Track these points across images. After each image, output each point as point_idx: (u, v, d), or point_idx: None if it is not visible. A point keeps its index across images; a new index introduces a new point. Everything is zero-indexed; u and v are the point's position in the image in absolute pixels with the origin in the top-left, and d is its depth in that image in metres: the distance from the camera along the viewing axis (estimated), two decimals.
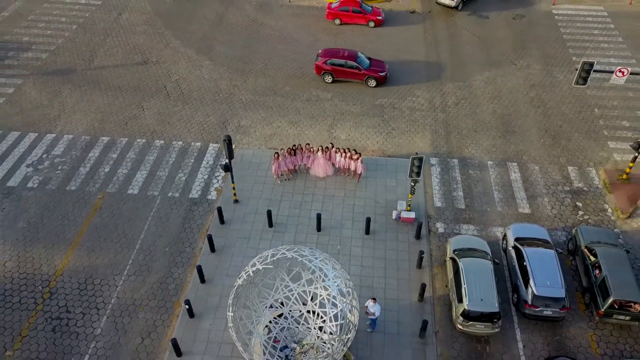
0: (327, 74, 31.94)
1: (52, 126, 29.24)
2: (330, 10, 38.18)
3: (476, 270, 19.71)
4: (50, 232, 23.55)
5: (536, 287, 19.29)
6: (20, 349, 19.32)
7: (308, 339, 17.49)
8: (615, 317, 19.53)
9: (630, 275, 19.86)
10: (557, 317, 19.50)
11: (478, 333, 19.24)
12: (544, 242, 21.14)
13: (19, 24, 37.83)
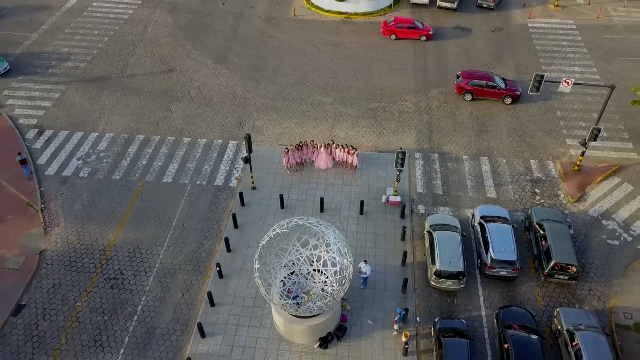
0: (467, 93, 35.96)
1: (95, 126, 34.46)
2: (386, 27, 42.93)
3: (447, 240, 24.92)
4: (101, 212, 28.75)
5: (494, 253, 24.50)
6: (87, 301, 24.52)
7: (314, 290, 22.53)
8: (556, 277, 24.73)
9: (570, 244, 25.04)
10: (510, 276, 24.71)
11: (447, 288, 24.45)
12: (503, 220, 26.34)
13: (57, 36, 43.07)
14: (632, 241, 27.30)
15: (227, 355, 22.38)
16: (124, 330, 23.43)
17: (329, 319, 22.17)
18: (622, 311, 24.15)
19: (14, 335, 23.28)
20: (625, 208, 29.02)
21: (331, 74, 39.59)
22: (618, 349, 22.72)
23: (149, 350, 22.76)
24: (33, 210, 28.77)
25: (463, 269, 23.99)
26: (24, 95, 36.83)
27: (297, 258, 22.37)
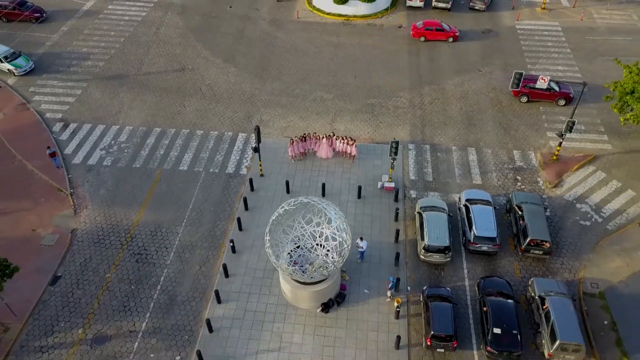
0: (523, 96, 38.45)
1: (115, 120, 37.58)
2: (416, 30, 45.96)
3: (435, 219, 28.05)
4: (124, 197, 31.87)
5: (477, 230, 27.64)
6: (115, 273, 27.66)
7: (317, 262, 25.59)
8: (532, 252, 27.87)
9: (544, 223, 28.18)
10: (491, 251, 27.85)
11: (435, 262, 27.60)
12: (486, 202, 29.47)
13: (76, 37, 46.19)
14: (602, 222, 30.41)
15: (241, 318, 25.50)
16: (149, 298, 26.56)
17: (330, 285, 25.29)
18: (589, 281, 27.26)
19: (52, 301, 26.40)
20: (597, 193, 32.14)
21: (332, 72, 42.69)
22: (584, 313, 25.84)
23: (172, 314, 25.89)
24: (63, 194, 31.90)
25: (449, 244, 27.12)
26: (48, 91, 39.94)
27: (302, 234, 25.36)
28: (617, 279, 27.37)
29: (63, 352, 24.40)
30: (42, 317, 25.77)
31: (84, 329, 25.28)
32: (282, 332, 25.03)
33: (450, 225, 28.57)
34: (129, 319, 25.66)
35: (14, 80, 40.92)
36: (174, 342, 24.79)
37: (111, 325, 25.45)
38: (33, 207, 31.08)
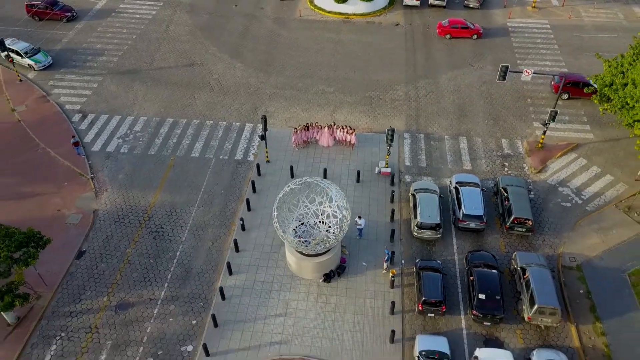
0: (564, 93, 40.42)
1: (130, 111, 40.17)
2: (442, 28, 48.56)
3: (427, 200, 30.67)
4: (141, 181, 34.47)
5: (465, 209, 30.27)
6: (135, 248, 30.27)
7: (319, 237, 28.14)
8: (516, 229, 30.48)
9: (527, 203, 30.80)
10: (478, 228, 30.47)
11: (427, 238, 30.21)
12: (474, 184, 32.09)
13: (90, 34, 48.80)
14: (582, 204, 33.02)
15: (250, 288, 28.12)
16: (167, 270, 29.18)
17: (331, 258, 27.90)
18: (568, 256, 29.88)
19: (79, 273, 29.02)
20: (578, 178, 34.75)
21: (332, 67, 45.29)
22: (562, 283, 28.46)
23: (187, 284, 28.51)
24: (84, 179, 34.51)
25: (440, 222, 29.74)
26: (67, 85, 42.55)
27: (306, 212, 27.93)
28: (593, 253, 29.98)
29: (90, 317, 27.02)
30: (70, 286, 28.39)
31: (108, 297, 27.90)
32: (288, 300, 27.65)
33: (441, 205, 31.18)
34: (148, 289, 28.28)
35: (34, 74, 43.52)
36: (190, 309, 27.40)
37: (133, 293, 28.08)
38: (57, 190, 33.68)
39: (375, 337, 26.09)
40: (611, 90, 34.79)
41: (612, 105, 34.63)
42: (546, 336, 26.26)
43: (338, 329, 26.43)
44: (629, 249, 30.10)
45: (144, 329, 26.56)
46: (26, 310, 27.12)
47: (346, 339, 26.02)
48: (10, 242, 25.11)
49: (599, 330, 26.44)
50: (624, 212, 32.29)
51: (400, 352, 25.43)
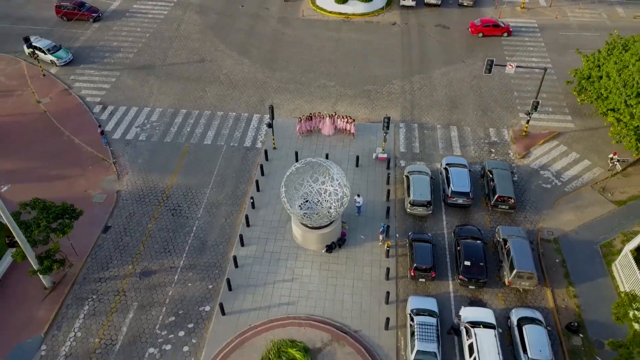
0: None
1: (147, 103, 43.43)
2: (475, 27, 51.90)
3: (419, 180, 33.93)
4: (159, 165, 37.70)
5: (454, 187, 33.57)
6: (155, 224, 33.49)
7: (322, 212, 31.31)
8: (499, 207, 33.73)
9: (510, 183, 34.05)
10: (465, 204, 33.75)
11: (419, 214, 33.47)
12: (462, 165, 35.38)
13: (107, 33, 52.11)
14: (561, 185, 36.27)
15: (260, 257, 31.36)
16: (185, 242, 32.41)
17: (332, 230, 31.13)
18: (546, 230, 33.12)
19: (105, 245, 32.26)
20: (558, 162, 38.00)
21: (333, 63, 48.57)
22: (540, 254, 31.69)
23: (204, 255, 31.74)
24: (107, 163, 37.76)
25: (430, 199, 33.00)
26: (87, 79, 45.84)
27: (310, 191, 31.09)
28: (569, 228, 33.23)
29: (117, 282, 30.26)
30: (99, 256, 31.63)
31: (133, 266, 31.13)
32: (294, 268, 30.87)
33: (432, 185, 34.45)
34: (169, 258, 31.52)
35: (55, 69, 46.81)
36: (206, 275, 30.63)
37: (155, 262, 31.31)
38: (83, 173, 36.92)
39: (372, 299, 29.31)
40: (588, 82, 38.09)
41: (589, 96, 37.93)
42: (524, 298, 29.48)
43: (339, 292, 29.64)
44: (602, 224, 33.34)
45: (166, 292, 29.80)
46: (60, 276, 30.35)
47: (346, 301, 29.23)
48: (48, 214, 28.41)
49: (572, 294, 29.67)
50: (599, 193, 35.54)
51: (394, 311, 28.65)
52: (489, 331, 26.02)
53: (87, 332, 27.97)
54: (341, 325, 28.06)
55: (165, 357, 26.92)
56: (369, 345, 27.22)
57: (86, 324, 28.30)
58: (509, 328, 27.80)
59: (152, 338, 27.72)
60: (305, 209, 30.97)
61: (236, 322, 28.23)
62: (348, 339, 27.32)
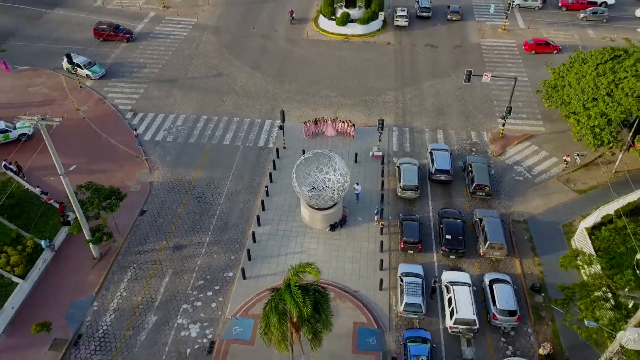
0: None
1: (172, 110, 49.69)
2: (528, 45, 58.86)
3: (409, 169, 40.00)
4: (185, 162, 43.67)
5: (437, 164, 40.12)
6: (184, 208, 39.30)
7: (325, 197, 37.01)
8: (477, 194, 39.63)
9: (486, 174, 40.06)
10: (447, 180, 40.53)
11: (408, 197, 39.45)
12: (444, 150, 41.77)
13: (134, 51, 58.78)
14: (531, 178, 42.17)
15: (274, 234, 37.06)
16: (209, 223, 38.16)
17: (335, 211, 36.92)
18: (517, 213, 38.89)
19: (142, 226, 37.99)
20: (530, 159, 43.98)
21: (335, 77, 55.03)
22: (511, 232, 37.39)
23: (226, 232, 37.45)
24: (140, 160, 43.75)
25: (418, 184, 39.01)
26: (119, 91, 52.23)
27: (315, 179, 36.95)
28: (537, 212, 39.01)
29: (154, 254, 35.91)
30: (137, 234, 37.35)
31: (167, 241, 36.83)
32: (303, 242, 36.55)
33: (420, 174, 40.45)
34: (196, 235, 37.23)
35: (91, 82, 53.23)
36: (229, 248, 36.32)
37: (185, 239, 37.01)
38: (120, 168, 42.87)
39: (368, 266, 34.94)
40: (554, 91, 44.38)
41: (554, 102, 44.18)
42: (497, 266, 35.12)
43: (340, 262, 35.26)
44: (564, 209, 39.15)
45: (195, 262, 35.44)
46: (106, 249, 36.01)
47: (346, 268, 34.84)
48: (99, 195, 34.34)
49: (536, 262, 35.31)
50: (563, 183, 41.44)
51: (387, 276, 34.25)
52: (465, 287, 31.57)
53: (131, 292, 33.54)
54: (343, 287, 33.62)
55: (196, 311, 32.43)
56: (366, 302, 32.76)
57: (130, 286, 33.88)
58: (482, 289, 33.32)
59: (185, 297, 33.26)
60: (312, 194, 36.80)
61: (255, 284, 33.80)
62: (349, 297, 32.89)
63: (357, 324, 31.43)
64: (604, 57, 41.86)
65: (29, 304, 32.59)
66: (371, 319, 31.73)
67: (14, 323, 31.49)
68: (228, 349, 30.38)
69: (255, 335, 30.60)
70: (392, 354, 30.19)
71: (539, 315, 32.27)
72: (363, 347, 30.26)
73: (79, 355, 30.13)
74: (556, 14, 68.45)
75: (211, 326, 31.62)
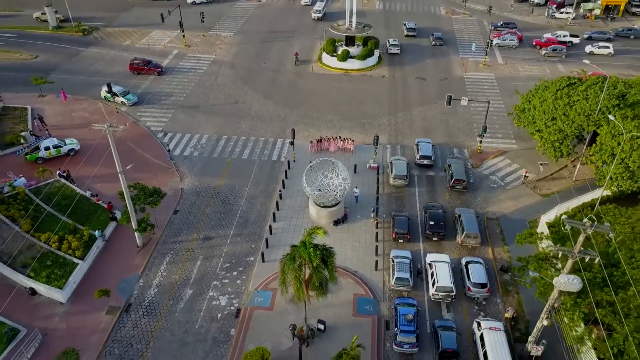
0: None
1: (197, 131, 57.81)
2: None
3: (399, 163, 48.79)
4: (209, 172, 51.38)
5: (421, 152, 48.84)
6: (211, 208, 46.70)
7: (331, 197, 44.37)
8: (456, 187, 47.52)
9: (463, 171, 48.34)
10: (429, 164, 49.85)
11: (398, 185, 47.66)
12: (428, 142, 50.28)
13: (162, 83, 67.54)
14: (504, 185, 49.82)
15: (287, 228, 44.35)
16: (233, 220, 45.47)
17: (338, 209, 44.37)
18: (491, 213, 46.34)
19: (176, 222, 45.33)
20: (503, 170, 51.76)
21: (337, 104, 63.47)
22: (485, 227, 44.73)
23: (247, 227, 44.74)
24: (171, 171, 51.47)
25: (406, 174, 47.60)
26: (150, 115, 60.54)
27: (321, 184, 44.47)
28: (507, 211, 46.44)
29: (187, 244, 43.08)
30: (172, 228, 44.63)
31: (197, 234, 44.07)
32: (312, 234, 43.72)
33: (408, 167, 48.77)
34: (222, 229, 44.51)
35: (125, 108, 61.61)
36: (250, 239, 43.52)
37: (212, 232, 44.26)
38: (154, 177, 50.43)
39: (366, 253, 42.07)
40: (522, 113, 52.62)
41: (522, 122, 52.36)
42: (472, 253, 42.25)
43: (342, 249, 42.28)
44: (530, 209, 46.61)
45: (222, 249, 42.58)
46: (147, 239, 43.21)
47: (347, 254, 41.92)
48: (145, 192, 41.92)
49: (505, 250, 42.49)
50: (531, 189, 49.07)
51: (381, 260, 41.32)
52: (445, 264, 38.69)
53: (170, 272, 40.58)
54: (345, 268, 40.66)
55: (224, 286, 39.38)
56: (364, 279, 39.76)
57: (168, 268, 40.94)
58: (460, 269, 40.33)
59: (214, 276, 40.27)
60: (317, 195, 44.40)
61: (272, 266, 40.76)
62: (350, 274, 39.94)
63: (356, 295, 38.36)
64: (562, 84, 50.37)
65: (87, 279, 39.57)
66: (368, 291, 38.71)
67: (76, 294, 38.42)
68: (252, 314, 37.20)
69: (274, 303, 37.55)
70: (385, 318, 37.00)
71: (506, 289, 39.27)
72: (361, 312, 37.12)
73: (130, 319, 36.92)
74: (531, 52, 77.81)
75: (237, 297, 38.54)
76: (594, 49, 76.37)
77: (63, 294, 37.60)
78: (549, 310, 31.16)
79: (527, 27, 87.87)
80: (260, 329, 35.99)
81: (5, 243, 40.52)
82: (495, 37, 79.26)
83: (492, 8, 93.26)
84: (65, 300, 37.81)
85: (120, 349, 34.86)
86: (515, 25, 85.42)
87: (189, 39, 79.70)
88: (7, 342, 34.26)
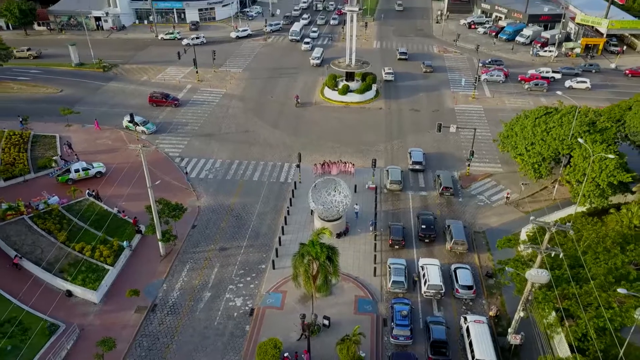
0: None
1: (211, 156, 63.52)
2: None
3: (394, 170, 55.22)
4: (224, 192, 56.74)
5: (413, 158, 55.56)
6: (226, 224, 51.83)
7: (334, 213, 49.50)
8: (444, 194, 53.13)
9: (450, 180, 54.11)
10: (421, 169, 56.42)
11: (394, 189, 53.42)
12: (419, 150, 57.05)
13: (177, 114, 73.80)
14: (490, 203, 55.14)
15: (295, 240, 49.19)
16: (245, 233, 50.53)
17: (340, 223, 49.55)
18: (478, 226, 51.49)
19: (195, 234, 50.40)
20: (489, 191, 57.19)
21: (337, 133, 69.44)
22: (473, 239, 49.79)
23: (259, 239, 49.78)
24: (189, 191, 56.86)
25: (401, 180, 53.41)
26: (168, 142, 66.40)
27: (325, 200, 49.75)
28: (493, 225, 51.58)
29: (205, 253, 48.01)
30: (191, 240, 49.64)
31: (214, 245, 49.04)
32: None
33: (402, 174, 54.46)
34: (236, 241, 49.52)
35: (145, 136, 67.54)
36: (262, 250, 48.48)
37: (227, 243, 49.26)
38: (174, 196, 55.49)
39: (365, 260, 46.97)
40: (506, 139, 58.50)
41: (506, 147, 58.17)
42: (461, 259, 47.17)
43: (344, 258, 46.73)
44: (513, 224, 51.69)
45: (236, 258, 47.51)
46: (169, 250, 48.16)
47: (349, 262, 46.76)
48: (168, 207, 47.23)
49: (490, 258, 47.43)
50: (514, 207, 54.37)
51: (379, 267, 46.19)
52: (435, 266, 43.65)
53: (190, 277, 45.39)
54: (347, 274, 45.48)
55: (239, 289, 44.13)
56: (364, 283, 44.57)
57: (189, 274, 45.77)
58: (449, 274, 45.13)
59: (230, 281, 45.07)
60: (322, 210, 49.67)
61: (282, 272, 45.60)
62: (351, 280, 44.76)
63: (357, 297, 43.12)
64: (540, 113, 56.47)
65: (117, 283, 44.34)
66: (367, 293, 43.48)
67: (108, 295, 43.15)
68: (264, 313, 41.84)
69: (284, 303, 42.25)
70: (382, 316, 41.63)
71: (491, 292, 44.04)
72: (361, 311, 41.80)
73: (156, 317, 41.54)
74: (516, 86, 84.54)
75: (251, 299, 43.26)
76: (573, 83, 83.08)
77: (97, 295, 42.36)
78: (524, 303, 35.97)
79: (514, 64, 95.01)
80: (272, 325, 40.59)
81: (43, 252, 45.58)
82: (484, 72, 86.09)
83: (480, 47, 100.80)
84: (98, 301, 42.52)
85: (148, 342, 39.39)
86: (501, 62, 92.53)
87: (202, 75, 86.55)
88: (49, 335, 38.82)
